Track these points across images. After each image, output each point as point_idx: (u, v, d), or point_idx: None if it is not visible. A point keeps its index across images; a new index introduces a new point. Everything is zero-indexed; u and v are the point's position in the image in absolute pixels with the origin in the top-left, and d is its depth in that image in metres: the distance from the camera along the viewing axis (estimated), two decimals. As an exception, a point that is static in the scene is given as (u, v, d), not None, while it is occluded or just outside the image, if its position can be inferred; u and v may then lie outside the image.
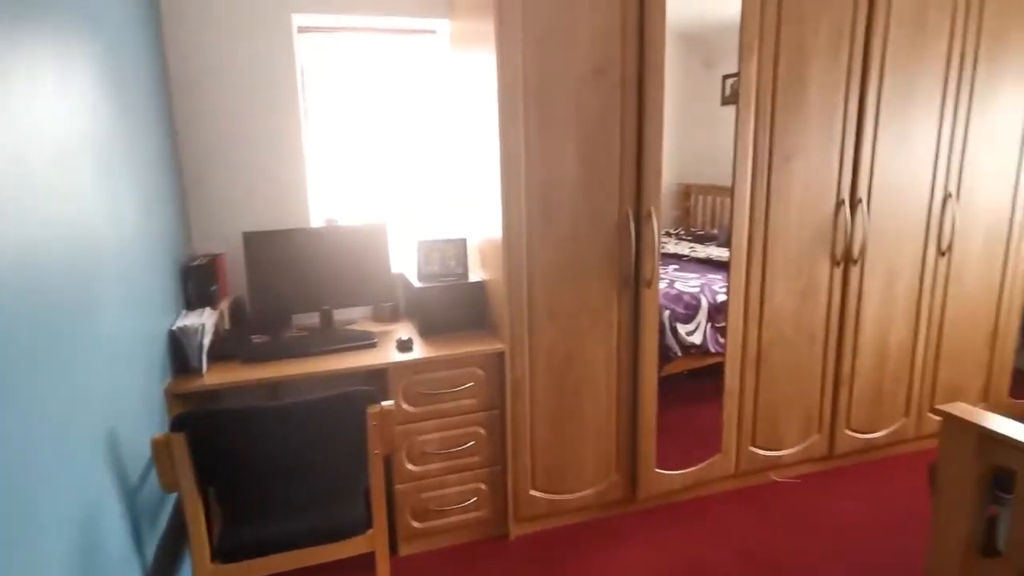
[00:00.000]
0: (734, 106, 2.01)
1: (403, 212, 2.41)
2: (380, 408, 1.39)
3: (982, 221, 2.33)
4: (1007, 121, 2.28)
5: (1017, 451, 1.33)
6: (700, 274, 2.73)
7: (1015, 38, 2.22)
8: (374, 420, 1.39)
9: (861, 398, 2.31)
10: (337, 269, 2.06)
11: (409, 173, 2.41)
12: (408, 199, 2.42)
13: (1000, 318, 2.45)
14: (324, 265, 2.05)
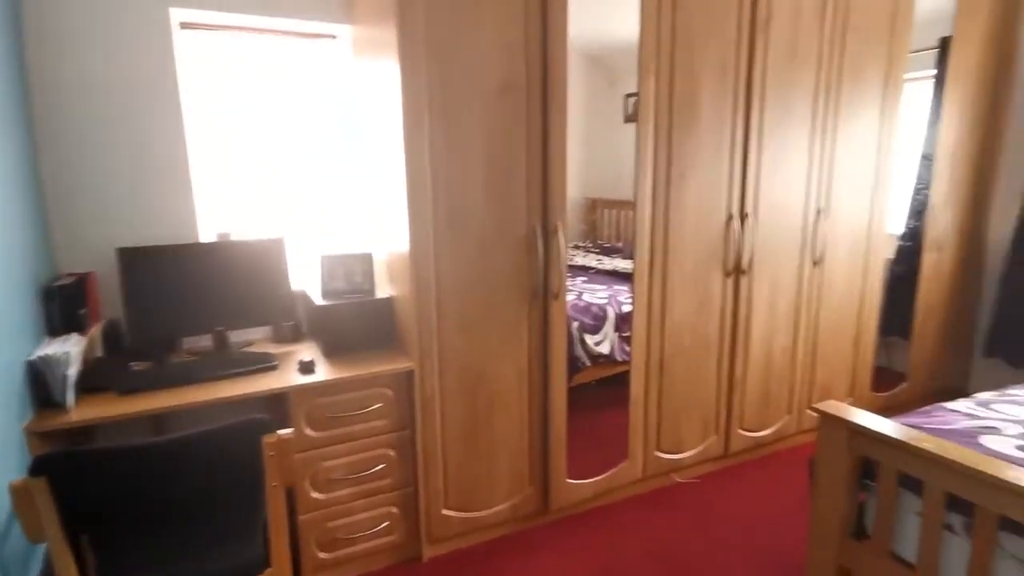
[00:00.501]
0: (636, 124, 2.14)
1: (304, 226, 2.32)
2: (277, 437, 1.31)
3: (846, 234, 2.63)
4: (864, 144, 2.59)
5: (880, 443, 1.51)
6: (607, 285, 2.85)
7: (870, 70, 2.53)
8: (270, 450, 1.31)
9: (751, 399, 2.51)
10: (230, 287, 1.94)
11: (310, 185, 2.33)
12: (309, 212, 2.34)
13: (862, 321, 2.77)
14: (216, 283, 1.93)
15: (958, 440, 1.52)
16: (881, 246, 2.74)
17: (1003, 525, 1.27)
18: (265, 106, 2.19)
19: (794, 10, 2.28)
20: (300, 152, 2.28)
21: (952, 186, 2.91)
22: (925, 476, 1.40)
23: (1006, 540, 1.28)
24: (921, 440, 1.43)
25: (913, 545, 1.46)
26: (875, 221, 2.69)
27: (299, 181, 2.30)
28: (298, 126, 2.26)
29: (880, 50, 2.53)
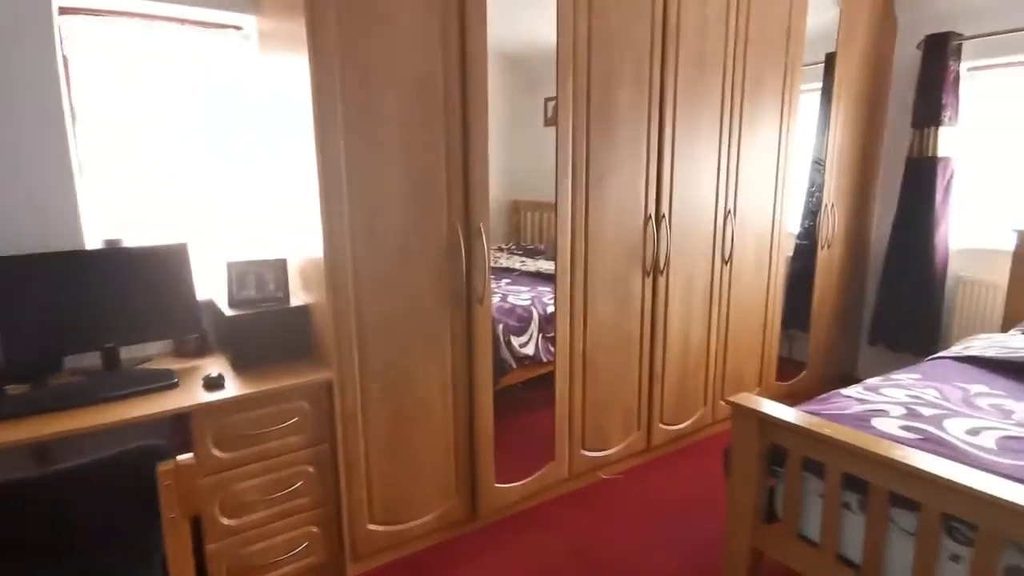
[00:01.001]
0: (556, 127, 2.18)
1: (210, 230, 2.18)
2: (174, 464, 1.20)
3: (752, 234, 2.82)
4: (767, 150, 2.78)
5: (787, 431, 1.63)
6: (531, 287, 2.89)
7: (770, 82, 2.73)
8: (166, 479, 1.18)
9: (670, 393, 2.63)
10: (123, 299, 1.78)
11: (217, 187, 2.19)
12: (216, 216, 2.20)
13: (768, 314, 2.98)
14: (104, 295, 1.76)
15: (852, 424, 1.66)
16: (783, 245, 2.96)
17: (893, 501, 1.41)
18: (165, 102, 2.04)
19: (700, 23, 2.41)
20: (205, 151, 2.14)
21: (840, 189, 3.19)
22: (826, 459, 1.52)
23: (896, 515, 1.42)
24: (822, 426, 1.55)
25: (817, 525, 1.59)
26: (777, 222, 2.90)
27: (205, 182, 2.16)
28: (202, 123, 2.12)
29: (778, 64, 2.73)
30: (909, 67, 3.23)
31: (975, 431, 1.63)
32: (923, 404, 1.81)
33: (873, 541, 1.44)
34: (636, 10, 2.22)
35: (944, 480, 1.28)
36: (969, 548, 1.29)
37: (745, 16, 2.54)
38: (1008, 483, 1.26)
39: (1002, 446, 1.54)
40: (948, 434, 1.60)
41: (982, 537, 1.24)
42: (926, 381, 2.02)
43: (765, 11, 2.61)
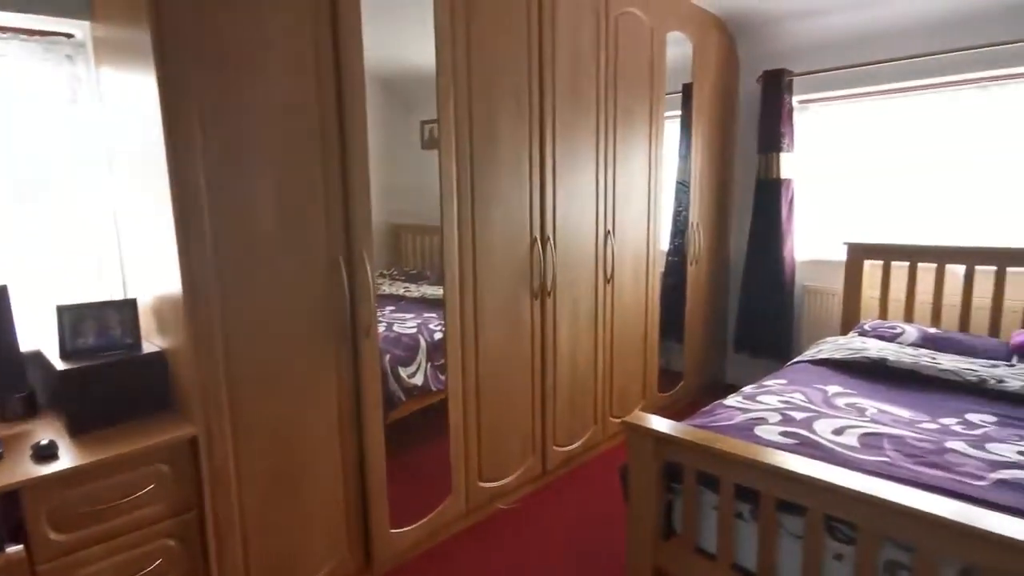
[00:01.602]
0: (434, 150, 2.12)
1: (37, 269, 1.84)
2: None
3: (630, 253, 2.94)
4: (639, 172, 2.93)
5: (682, 448, 1.68)
6: (416, 314, 2.77)
7: (637, 109, 2.88)
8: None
9: (562, 414, 2.64)
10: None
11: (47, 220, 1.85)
12: (44, 251, 1.86)
13: (647, 329, 3.12)
14: None
15: (738, 434, 1.75)
16: (657, 262, 3.12)
17: (781, 507, 1.49)
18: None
19: (574, 52, 2.47)
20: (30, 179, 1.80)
21: (703, 209, 3.44)
22: (719, 472, 1.58)
23: (785, 520, 1.50)
24: (714, 440, 1.61)
25: (714, 537, 1.64)
26: (651, 240, 3.05)
27: (29, 215, 1.82)
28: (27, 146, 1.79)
29: (644, 93, 2.89)
30: (753, 99, 3.58)
31: (840, 431, 1.78)
32: (794, 408, 1.96)
33: (766, 548, 1.51)
34: (513, 37, 2.23)
35: (824, 483, 1.37)
36: (851, 546, 1.39)
37: (614, 47, 2.66)
38: (880, 481, 1.37)
39: (863, 443, 1.70)
40: (818, 436, 1.74)
41: (862, 535, 1.34)
42: (792, 386, 2.20)
43: (630, 44, 2.76)
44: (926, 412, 1.96)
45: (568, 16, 2.43)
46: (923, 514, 1.24)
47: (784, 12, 3.27)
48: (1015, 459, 1.60)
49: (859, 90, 3.26)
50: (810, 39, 3.35)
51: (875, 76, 3.15)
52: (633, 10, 2.75)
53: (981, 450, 1.66)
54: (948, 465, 1.57)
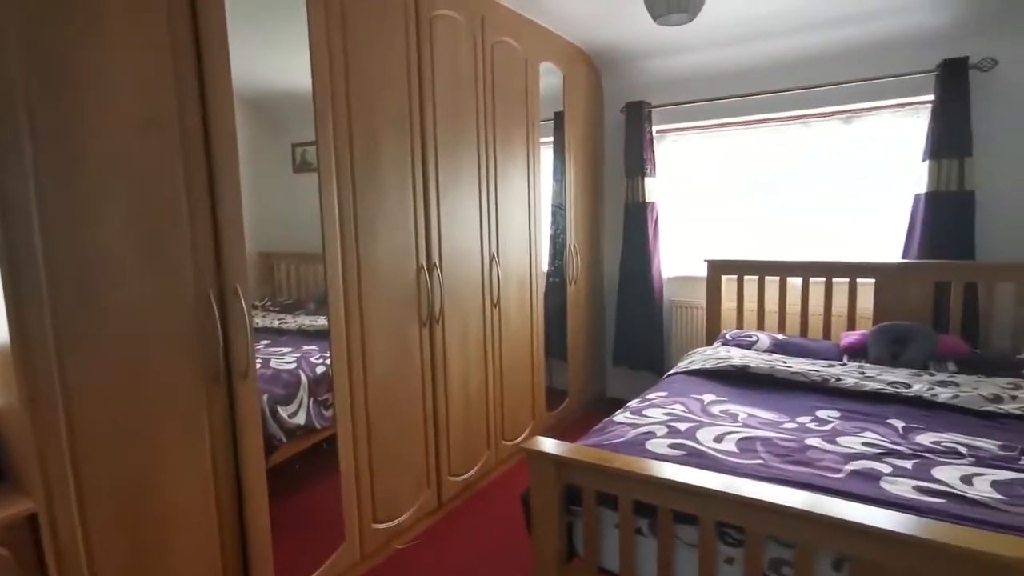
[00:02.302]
0: (308, 174, 2.00)
1: None
2: None
3: (514, 276, 2.98)
4: (519, 196, 2.99)
5: (582, 470, 1.70)
6: (295, 347, 2.58)
7: (516, 135, 2.95)
8: None
9: (456, 443, 2.59)
10: None
11: None
12: None
13: (534, 350, 3.17)
14: None
15: (632, 451, 1.82)
16: (539, 283, 3.19)
17: (676, 518, 1.56)
18: None
19: (454, 78, 2.48)
20: None
21: (579, 231, 3.59)
22: (618, 491, 1.63)
23: (680, 530, 1.57)
24: (613, 460, 1.65)
25: (615, 555, 1.68)
26: (534, 262, 3.11)
27: None
28: None
29: (521, 118, 2.97)
30: (619, 127, 3.82)
31: (720, 438, 1.92)
32: (677, 420, 2.08)
33: (665, 560, 1.57)
34: (392, 60, 2.19)
35: (714, 492, 1.45)
36: (739, 548, 1.49)
37: (491, 74, 2.71)
38: (760, 484, 1.49)
39: (740, 448, 1.84)
40: (703, 445, 1.86)
41: (749, 537, 1.44)
42: (672, 398, 2.34)
43: (507, 72, 2.82)
44: (785, 413, 2.18)
45: (446, 41, 2.43)
46: (794, 511, 1.35)
47: (643, 51, 3.54)
48: (860, 450, 1.82)
49: (705, 122, 3.61)
50: (667, 75, 3.65)
51: (722, 110, 3.50)
52: (508, 39, 2.82)
53: (834, 444, 1.87)
54: (810, 461, 1.74)
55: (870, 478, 1.63)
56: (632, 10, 3.00)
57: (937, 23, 2.86)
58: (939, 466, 1.70)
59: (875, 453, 1.79)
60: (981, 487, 1.57)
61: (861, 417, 2.11)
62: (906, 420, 2.06)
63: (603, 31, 3.33)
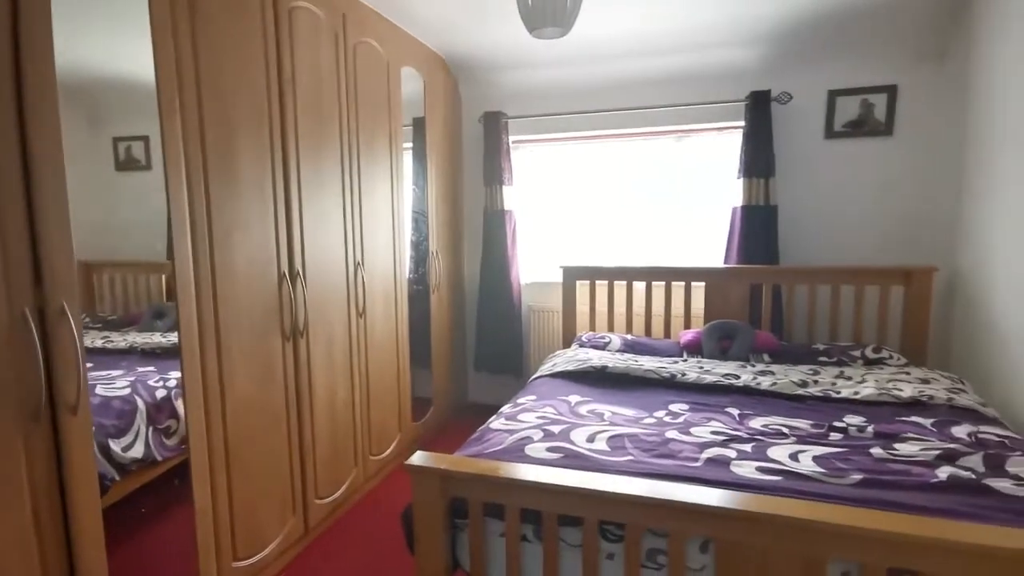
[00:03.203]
0: (136, 172, 1.75)
1: None
2: None
3: (380, 284, 2.87)
4: (383, 202, 2.89)
5: (468, 482, 1.68)
6: (127, 369, 2.22)
7: (379, 139, 2.85)
8: None
9: (323, 463, 2.42)
10: None
11: None
12: None
13: (399, 360, 3.08)
14: None
15: (512, 457, 1.84)
16: (404, 291, 3.11)
17: (561, 521, 1.60)
18: None
19: (315, 77, 2.33)
20: None
21: (441, 238, 3.56)
22: (506, 500, 1.64)
23: (564, 533, 1.62)
24: (497, 469, 1.66)
25: (500, 564, 1.69)
26: (398, 270, 3.03)
27: None
28: None
29: (384, 123, 2.88)
30: (478, 135, 3.86)
31: (592, 438, 2.02)
32: (550, 423, 2.15)
33: (551, 563, 1.61)
34: (249, 50, 1.99)
35: (597, 492, 1.52)
36: (619, 544, 1.57)
37: (353, 75, 2.59)
38: (636, 480, 1.59)
39: (611, 446, 1.96)
40: (578, 446, 1.94)
41: (629, 532, 1.52)
42: (542, 401, 2.41)
43: (369, 74, 2.72)
44: (643, 408, 2.36)
45: (307, 37, 2.27)
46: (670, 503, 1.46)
47: (500, 62, 3.62)
48: (710, 438, 2.03)
49: (558, 135, 3.79)
50: (522, 87, 3.77)
51: (573, 123, 3.71)
52: (370, 40, 2.72)
53: (688, 435, 2.06)
54: (672, 453, 1.91)
55: (722, 464, 1.82)
56: (489, 22, 3.06)
57: (747, 59, 3.30)
58: (771, 447, 1.95)
59: (722, 440, 2.00)
60: (806, 462, 1.83)
61: (706, 408, 2.35)
62: (740, 408, 2.34)
63: (461, 40, 3.35)
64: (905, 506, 1.54)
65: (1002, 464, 1.77)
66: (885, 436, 2.02)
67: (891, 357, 2.87)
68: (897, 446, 1.93)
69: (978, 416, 2.19)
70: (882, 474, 1.73)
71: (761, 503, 1.45)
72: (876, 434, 2.04)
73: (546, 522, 1.59)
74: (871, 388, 2.47)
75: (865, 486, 1.67)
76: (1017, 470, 1.73)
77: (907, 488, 1.65)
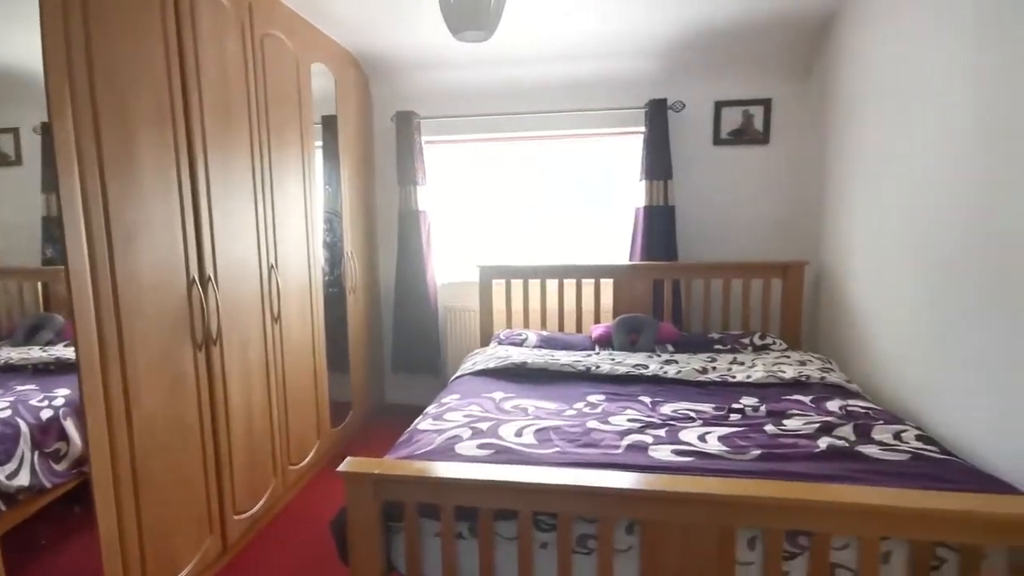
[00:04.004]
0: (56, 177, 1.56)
1: None
2: None
3: (295, 287, 2.73)
4: (295, 202, 2.75)
5: (404, 484, 1.65)
6: (5, 389, 1.95)
7: (290, 136, 2.70)
8: None
9: (240, 477, 2.26)
10: None
11: None
12: None
13: (316, 365, 2.95)
14: None
15: (444, 457, 1.83)
16: (320, 294, 2.98)
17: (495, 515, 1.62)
18: None
19: (220, 67, 2.17)
20: None
21: (356, 239, 3.45)
22: (441, 499, 1.62)
23: (499, 527, 1.63)
24: (431, 470, 1.64)
25: (437, 563, 1.67)
26: (313, 272, 2.90)
27: None
28: None
29: (295, 120, 2.74)
30: (390, 135, 3.78)
31: (519, 432, 2.05)
32: (477, 420, 2.15)
33: (486, 558, 1.61)
34: (148, 41, 1.82)
35: (532, 485, 1.55)
36: (552, 533, 1.61)
37: (262, 70, 2.44)
38: (566, 470, 1.64)
39: (539, 439, 2.00)
40: (507, 441, 1.96)
41: (561, 521, 1.56)
42: (466, 399, 2.41)
43: (278, 69, 2.58)
44: (564, 401, 2.42)
45: (212, 27, 2.11)
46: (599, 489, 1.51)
47: (411, 62, 3.56)
48: (628, 426, 2.12)
49: (471, 136, 3.78)
50: (434, 87, 3.73)
51: (485, 125, 3.72)
52: (278, 34, 2.57)
53: (608, 424, 2.15)
54: (595, 442, 1.98)
55: (641, 449, 1.92)
56: (402, 21, 3.01)
57: (647, 69, 3.49)
58: (682, 430, 2.08)
59: (639, 427, 2.11)
60: (712, 443, 1.97)
61: (621, 397, 2.46)
62: (651, 395, 2.47)
63: (373, 38, 3.26)
64: (796, 475, 1.70)
65: (869, 432, 2.01)
66: (775, 414, 2.21)
67: (774, 343, 3.15)
68: (785, 422, 2.12)
69: (845, 391, 2.47)
70: (776, 448, 1.90)
71: (679, 483, 1.54)
72: (768, 412, 2.23)
73: (482, 518, 1.60)
74: (760, 372, 2.70)
75: (763, 460, 1.82)
76: (881, 437, 1.97)
77: (796, 459, 1.83)
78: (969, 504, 1.42)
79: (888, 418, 2.13)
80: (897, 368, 2.50)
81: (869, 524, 1.42)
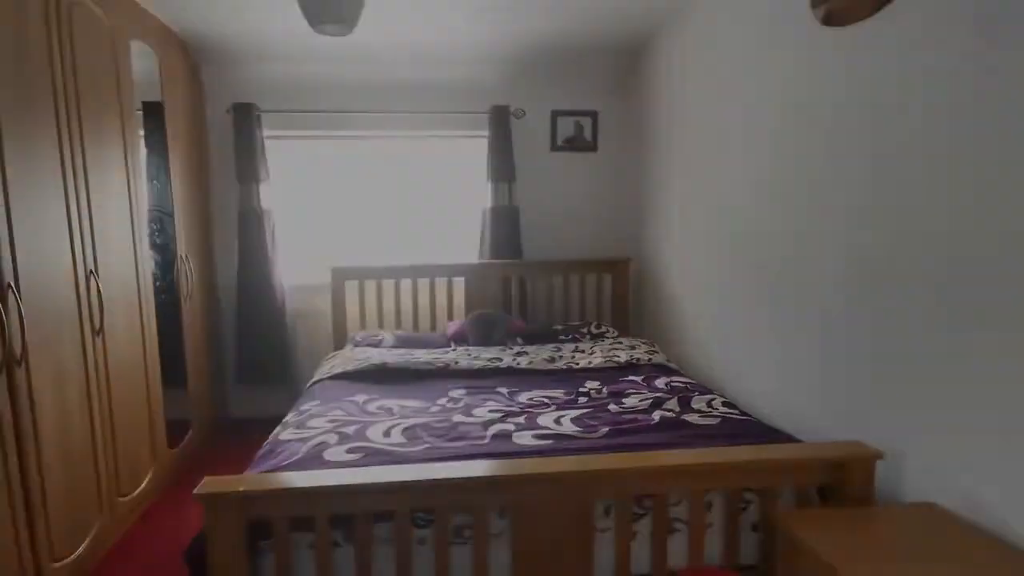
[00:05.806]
0: None
1: None
2: None
3: (120, 295, 2.34)
4: (118, 199, 2.35)
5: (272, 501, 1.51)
6: None
7: (109, 127, 2.31)
8: None
9: (57, 517, 1.86)
10: None
11: None
12: None
13: (149, 382, 2.55)
14: None
15: (313, 465, 1.71)
16: (150, 302, 2.60)
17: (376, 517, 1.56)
18: None
19: (15, 41, 1.77)
20: None
21: (191, 241, 3.06)
22: (314, 510, 1.51)
23: (376, 529, 1.57)
24: (303, 480, 1.53)
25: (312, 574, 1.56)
26: (142, 277, 2.51)
27: None
28: None
29: (113, 104, 2.35)
30: (226, 128, 3.41)
31: (387, 432, 1.99)
32: (343, 424, 2.05)
33: (364, 562, 1.54)
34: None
35: (410, 484, 1.52)
36: (428, 528, 1.58)
37: (69, 44, 2.03)
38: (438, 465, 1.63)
39: (408, 437, 1.95)
40: (376, 443, 1.89)
41: (438, 514, 1.55)
42: (328, 405, 2.28)
43: (90, 45, 2.19)
44: (426, 399, 2.40)
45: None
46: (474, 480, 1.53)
47: (249, 51, 3.26)
48: (490, 417, 2.17)
49: (318, 132, 3.56)
50: (279, 80, 3.45)
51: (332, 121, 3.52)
52: (88, 3, 2.18)
53: (471, 416, 2.17)
54: (463, 435, 1.99)
55: (505, 437, 1.98)
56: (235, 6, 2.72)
57: (490, 76, 3.59)
58: (539, 416, 2.18)
59: (500, 417, 2.17)
60: (567, 425, 2.10)
61: (480, 390, 2.50)
62: (508, 386, 2.55)
63: (204, 22, 2.92)
64: (639, 446, 1.88)
65: (689, 403, 2.29)
66: (615, 394, 2.42)
67: (608, 331, 3.44)
68: (624, 400, 2.34)
69: (668, 370, 2.79)
70: (620, 424, 2.09)
71: (544, 464, 1.62)
72: (609, 393, 2.44)
73: (360, 523, 1.53)
74: (599, 357, 2.93)
75: (611, 436, 1.99)
76: (699, 406, 2.26)
77: (638, 432, 2.02)
78: (763, 454, 1.71)
79: (702, 390, 2.45)
80: (704, 347, 2.88)
81: (696, 480, 1.63)
